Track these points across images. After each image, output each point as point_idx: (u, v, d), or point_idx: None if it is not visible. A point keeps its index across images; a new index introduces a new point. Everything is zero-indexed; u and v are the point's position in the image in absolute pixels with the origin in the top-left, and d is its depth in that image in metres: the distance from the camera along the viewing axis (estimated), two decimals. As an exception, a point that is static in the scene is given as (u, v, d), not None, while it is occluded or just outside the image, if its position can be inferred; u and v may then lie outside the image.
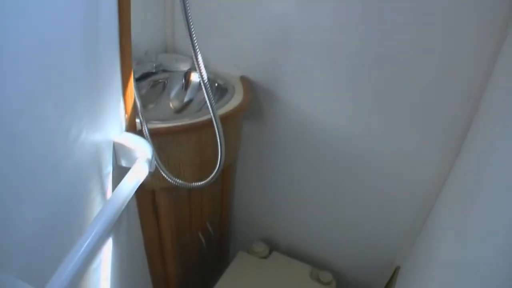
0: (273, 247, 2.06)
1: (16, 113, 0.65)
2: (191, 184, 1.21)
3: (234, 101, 1.43)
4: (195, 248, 1.84)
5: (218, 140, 1.11)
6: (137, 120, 1.11)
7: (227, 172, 1.80)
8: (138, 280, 1.49)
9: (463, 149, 1.29)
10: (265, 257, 1.91)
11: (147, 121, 1.12)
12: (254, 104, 1.66)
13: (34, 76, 0.67)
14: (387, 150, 1.51)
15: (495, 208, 0.77)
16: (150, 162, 1.01)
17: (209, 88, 1.04)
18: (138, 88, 1.08)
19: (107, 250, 1.11)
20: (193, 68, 1.63)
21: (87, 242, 0.75)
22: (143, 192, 1.28)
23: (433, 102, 1.35)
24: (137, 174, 0.96)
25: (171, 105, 1.56)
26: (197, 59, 0.99)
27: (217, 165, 1.16)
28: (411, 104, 1.38)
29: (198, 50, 0.98)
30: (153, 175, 1.19)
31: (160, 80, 1.59)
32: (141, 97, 1.11)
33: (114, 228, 1.13)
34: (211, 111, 1.07)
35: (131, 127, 1.08)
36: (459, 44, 1.25)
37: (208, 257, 2.04)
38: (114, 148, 1.02)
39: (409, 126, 1.42)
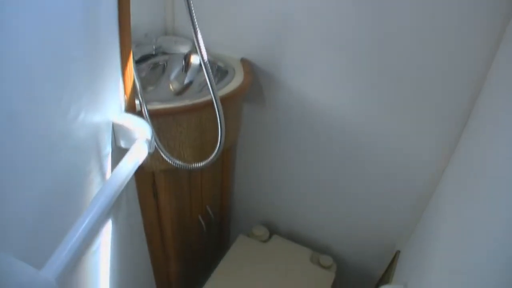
0: (273, 231, 2.05)
1: (14, 92, 0.64)
2: (191, 165, 1.20)
3: (235, 82, 1.42)
4: (195, 232, 1.83)
5: (219, 120, 1.10)
6: (137, 101, 1.10)
7: (227, 155, 1.79)
8: (138, 264, 1.48)
9: (464, 137, 1.28)
10: (265, 241, 1.91)
11: (147, 102, 1.11)
12: (255, 87, 1.64)
13: (32, 54, 0.66)
14: (388, 135, 1.49)
15: (494, 194, 0.77)
16: (149, 143, 1.00)
17: (209, 68, 1.03)
18: (137, 71, 1.07)
19: (107, 233, 1.11)
20: (193, 51, 1.62)
21: (85, 222, 0.74)
22: (143, 174, 1.27)
23: (434, 90, 1.33)
24: (137, 155, 0.95)
25: (171, 87, 1.54)
26: (197, 38, 0.98)
27: (217, 146, 1.15)
28: (412, 91, 1.37)
29: (198, 29, 0.97)
30: (153, 156, 1.19)
31: (160, 63, 1.58)
32: (141, 79, 1.10)
33: (113, 210, 1.12)
34: (211, 91, 1.06)
35: (131, 108, 1.07)
36: (460, 33, 1.23)
37: (209, 240, 2.04)
38: (113, 129, 1.01)
39: (410, 113, 1.41)
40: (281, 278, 1.73)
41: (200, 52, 1.00)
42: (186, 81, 1.58)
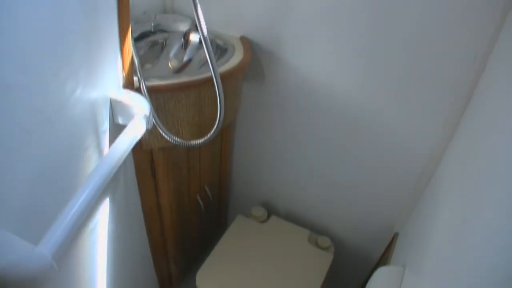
0: (271, 211, 2.05)
1: (9, 64, 0.62)
2: (190, 142, 1.19)
3: (234, 60, 1.40)
4: (193, 212, 1.83)
5: (218, 96, 1.09)
6: (135, 78, 1.09)
7: (226, 134, 1.78)
8: (136, 244, 1.48)
9: (465, 118, 1.26)
10: (263, 221, 1.90)
11: (145, 79, 1.09)
12: (254, 65, 1.62)
13: (28, 26, 0.65)
14: (389, 114, 1.48)
15: (496, 176, 0.75)
16: (147, 119, 0.99)
17: (209, 42, 1.02)
18: (136, 49, 1.05)
19: (104, 211, 1.10)
20: (192, 29, 1.60)
21: (82, 198, 0.73)
22: (141, 152, 1.26)
23: (437, 66, 1.32)
24: (135, 131, 0.94)
25: (169, 64, 1.52)
26: (197, 12, 0.97)
27: (217, 122, 1.13)
28: (414, 67, 1.35)
29: (198, 2, 0.95)
30: (151, 133, 1.18)
31: (159, 41, 1.56)
32: (139, 57, 1.08)
33: (111, 188, 1.11)
34: (210, 66, 1.04)
35: (129, 84, 1.06)
36: (463, 10, 1.21)
37: (207, 221, 2.04)
38: (111, 105, 1.00)
39: (412, 90, 1.39)
40: (279, 259, 1.72)
41: (200, 26, 0.99)
42: (185, 59, 1.56)
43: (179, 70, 1.50)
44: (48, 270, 0.63)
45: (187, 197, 1.71)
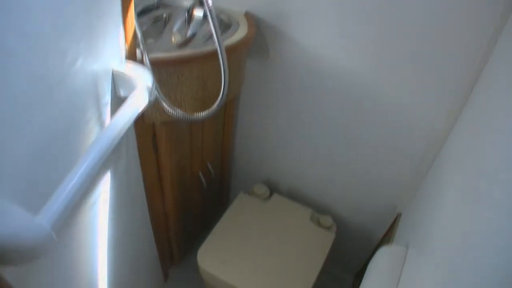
0: (274, 189, 2.04)
1: (9, 27, 0.60)
2: (193, 116, 1.17)
3: (238, 34, 1.37)
4: (195, 188, 1.82)
5: (222, 68, 1.07)
6: (138, 51, 1.07)
7: (229, 110, 1.76)
8: (137, 220, 1.47)
9: (472, 97, 1.24)
10: (266, 199, 1.90)
11: (148, 52, 1.07)
12: (259, 41, 1.60)
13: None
14: (394, 92, 1.45)
15: (501, 156, 0.75)
16: (150, 91, 0.97)
17: (214, 14, 1.00)
18: (139, 24, 1.03)
19: (105, 186, 1.08)
20: (196, 4, 1.57)
21: (82, 168, 0.72)
22: (143, 126, 1.24)
23: (444, 44, 1.29)
24: (137, 102, 0.92)
25: (173, 39, 1.50)
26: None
27: (220, 95, 1.12)
28: (421, 46, 1.32)
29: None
30: (154, 107, 1.16)
31: (162, 16, 1.54)
32: (142, 33, 1.06)
33: (112, 162, 1.10)
34: (215, 38, 1.02)
35: (131, 57, 1.04)
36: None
37: (209, 198, 2.03)
38: (113, 77, 0.98)
39: (418, 69, 1.37)
40: (281, 237, 1.72)
41: (205, -2, 0.97)
42: (188, 34, 1.54)
43: (182, 45, 1.48)
44: (47, 240, 0.62)
45: (189, 173, 1.70)
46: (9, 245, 0.57)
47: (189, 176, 1.71)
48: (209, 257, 1.62)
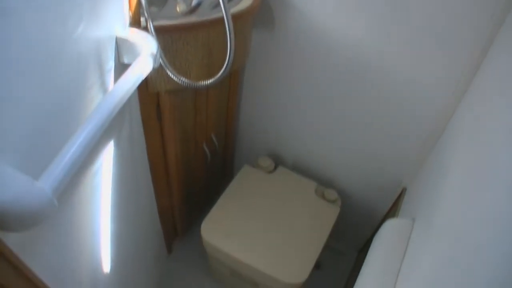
0: (279, 162, 2.03)
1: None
2: (197, 83, 1.15)
3: (244, 3, 1.34)
4: (199, 160, 1.81)
5: (228, 35, 1.04)
6: (142, 18, 1.04)
7: (234, 80, 1.73)
8: (141, 191, 1.46)
9: (481, 70, 1.22)
10: (270, 172, 1.88)
11: (153, 19, 1.05)
12: (264, 10, 1.56)
13: None
14: (401, 66, 1.42)
15: (510, 130, 0.74)
16: (154, 57, 0.95)
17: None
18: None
19: (108, 154, 1.07)
20: (201, -28, 1.54)
21: (84, 133, 0.70)
22: (147, 95, 1.22)
23: (455, 20, 1.26)
24: (141, 68, 0.90)
25: (177, 8, 1.47)
26: None
27: (226, 62, 1.09)
28: (430, 15, 1.29)
29: None
30: (158, 76, 1.14)
31: (166, -16, 1.50)
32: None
33: (116, 130, 1.08)
34: (221, 3, 0.99)
35: (135, 23, 1.02)
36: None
37: (213, 170, 2.02)
38: (117, 43, 0.96)
39: (426, 42, 1.33)
40: (286, 209, 1.72)
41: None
42: (193, 3, 1.50)
43: (187, 14, 1.45)
44: (48, 205, 0.61)
45: (193, 145, 1.68)
46: (9, 210, 0.56)
47: (193, 148, 1.69)
48: (213, 229, 1.61)
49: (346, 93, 1.61)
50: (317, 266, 1.58)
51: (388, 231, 1.23)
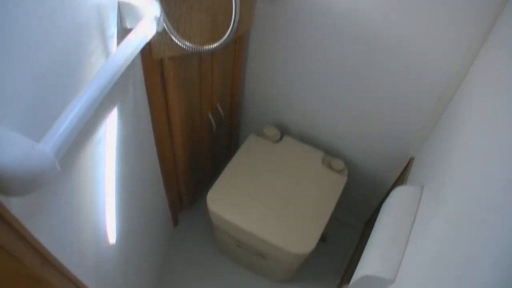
0: (285, 132, 2.01)
1: None
2: (202, 48, 1.12)
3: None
4: (204, 130, 1.79)
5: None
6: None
7: (239, 47, 1.70)
8: (146, 161, 1.45)
9: (491, 37, 1.19)
10: (276, 142, 1.87)
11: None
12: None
13: None
14: (411, 32, 1.39)
15: None
16: (158, 21, 0.93)
17: None
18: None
19: (112, 123, 1.05)
20: None
21: (86, 96, 0.69)
22: (151, 62, 1.20)
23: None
24: (144, 31, 0.88)
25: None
26: None
27: (231, 25, 1.06)
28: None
29: None
30: (162, 41, 1.12)
31: None
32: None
33: (119, 98, 1.07)
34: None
35: (137, -14, 0.99)
36: None
37: (218, 141, 2.00)
38: (119, 7, 0.95)
39: (436, 8, 1.30)
40: (292, 179, 1.70)
41: None
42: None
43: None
44: (49, 168, 0.59)
45: (198, 114, 1.67)
46: (10, 173, 0.55)
47: (198, 117, 1.67)
48: (219, 199, 1.61)
49: (354, 61, 1.58)
50: (323, 238, 1.58)
51: (397, 197, 1.22)
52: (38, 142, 0.60)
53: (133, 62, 1.08)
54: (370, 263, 1.06)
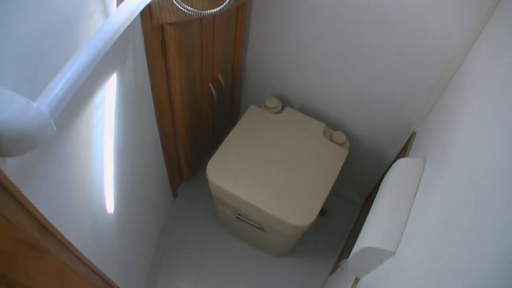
0: (286, 103, 1.99)
1: None
2: (203, 12, 1.10)
3: None
4: (205, 101, 1.77)
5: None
6: None
7: (241, 15, 1.66)
8: (145, 131, 1.43)
9: (497, 10, 1.17)
10: (277, 113, 1.85)
11: None
12: None
13: None
14: (414, 3, 1.36)
15: None
16: (158, -18, 0.90)
17: None
18: None
19: (111, 88, 1.04)
20: None
21: (84, 56, 0.67)
22: (151, 28, 1.18)
23: None
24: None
25: None
26: None
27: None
28: None
29: None
30: (163, 7, 1.10)
31: None
32: None
33: (118, 63, 1.05)
34: None
35: None
36: None
37: (219, 111, 1.98)
38: (119, -32, 0.92)
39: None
40: (293, 151, 1.69)
41: None
42: None
43: None
44: (44, 127, 0.58)
45: (199, 84, 1.64)
46: (5, 131, 0.54)
47: (199, 87, 1.65)
48: (219, 170, 1.60)
49: (357, 32, 1.55)
50: (323, 212, 1.57)
51: (399, 169, 1.20)
52: (35, 101, 0.58)
53: (133, 28, 1.06)
54: (370, 235, 1.05)
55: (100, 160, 1.06)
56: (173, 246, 1.99)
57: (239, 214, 1.71)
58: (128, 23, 0.80)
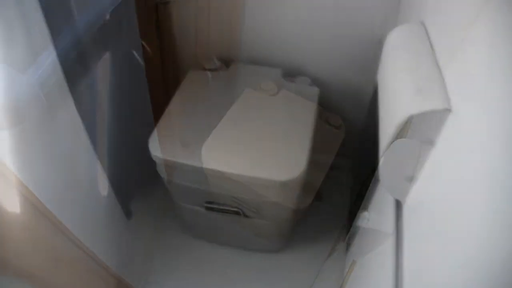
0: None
1: None
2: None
3: None
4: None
5: None
6: None
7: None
8: (137, 112, 1.40)
9: None
10: (273, 95, 1.49)
11: None
12: None
13: None
14: None
15: None
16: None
17: None
18: None
19: (104, 68, 1.03)
20: None
21: (75, 30, 0.66)
22: (145, 9, 1.17)
23: None
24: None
25: None
26: None
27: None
28: None
29: None
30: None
31: None
32: None
33: (112, 45, 1.04)
34: None
35: None
36: None
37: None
38: None
39: None
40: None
41: None
42: None
43: None
44: (34, 99, 0.58)
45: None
46: None
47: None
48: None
49: None
50: (319, 196, 1.47)
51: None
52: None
53: (127, 7, 1.05)
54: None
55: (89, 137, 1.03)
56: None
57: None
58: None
